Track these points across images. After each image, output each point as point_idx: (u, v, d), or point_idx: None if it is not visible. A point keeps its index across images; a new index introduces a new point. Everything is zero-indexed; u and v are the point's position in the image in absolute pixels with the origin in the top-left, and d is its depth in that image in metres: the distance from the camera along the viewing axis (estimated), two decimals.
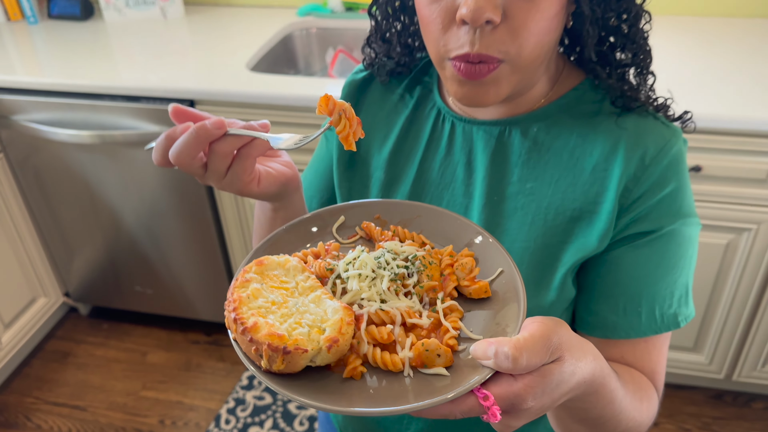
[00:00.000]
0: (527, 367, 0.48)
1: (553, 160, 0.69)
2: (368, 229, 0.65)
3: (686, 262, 0.70)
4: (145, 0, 2.23)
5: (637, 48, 0.68)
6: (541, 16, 0.60)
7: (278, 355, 0.48)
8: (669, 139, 0.68)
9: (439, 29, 0.62)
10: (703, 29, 1.89)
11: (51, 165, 2.00)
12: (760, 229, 1.60)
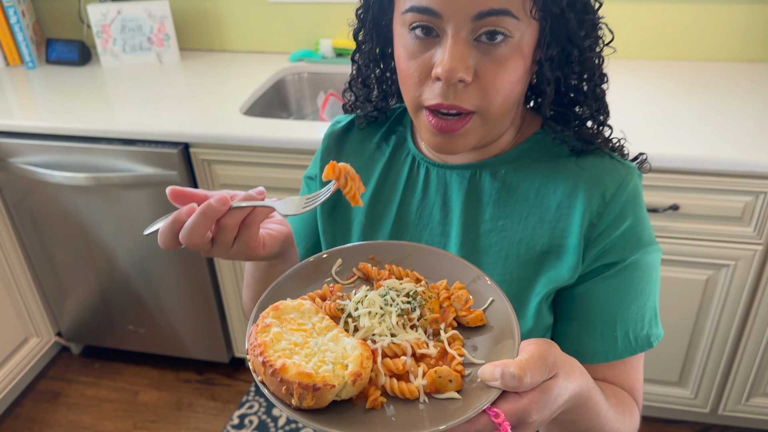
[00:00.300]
0: (530, 385, 0.54)
1: (521, 200, 0.76)
2: (365, 269, 0.70)
3: (651, 286, 0.76)
4: (141, 46, 2.30)
5: (596, 104, 0.75)
6: (509, 78, 0.67)
7: (308, 392, 0.52)
8: (625, 176, 0.74)
9: (416, 82, 0.68)
10: (680, 72, 1.98)
11: (46, 206, 2.04)
12: (737, 265, 1.65)
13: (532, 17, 0.66)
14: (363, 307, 0.62)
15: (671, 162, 1.54)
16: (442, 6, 0.64)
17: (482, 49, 0.65)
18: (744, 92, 1.83)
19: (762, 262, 1.64)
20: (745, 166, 1.50)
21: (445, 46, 0.65)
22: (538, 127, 0.79)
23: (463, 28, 0.64)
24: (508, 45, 0.65)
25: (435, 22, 0.65)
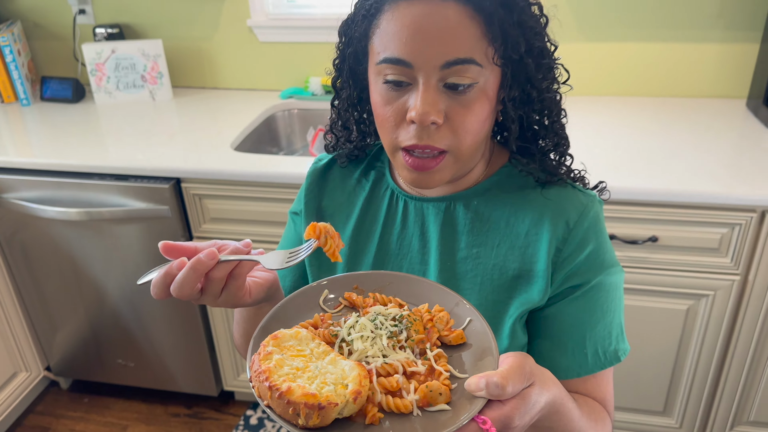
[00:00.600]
0: (512, 393, 0.59)
1: (493, 228, 0.82)
2: (351, 298, 0.75)
3: (616, 305, 0.82)
4: (134, 83, 2.35)
5: (557, 137, 0.82)
6: (476, 119, 0.73)
7: (314, 411, 0.56)
8: (587, 204, 0.81)
9: (392, 125, 0.75)
10: (657, 109, 2.05)
11: (38, 241, 2.06)
12: (716, 295, 1.69)
13: (495, 64, 0.72)
14: (355, 331, 0.67)
15: (649, 195, 1.59)
16: (412, 57, 0.70)
17: (451, 93, 0.72)
18: (717, 127, 1.89)
19: (740, 292, 1.69)
20: (720, 198, 1.56)
21: (418, 93, 0.71)
22: (505, 160, 0.86)
23: (432, 76, 0.71)
24: (474, 89, 0.72)
25: (407, 71, 0.71)
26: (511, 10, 0.71)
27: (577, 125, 1.97)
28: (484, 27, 0.70)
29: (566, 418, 0.69)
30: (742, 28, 2.00)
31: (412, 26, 0.70)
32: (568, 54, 2.16)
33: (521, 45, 0.72)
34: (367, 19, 0.76)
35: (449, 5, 0.69)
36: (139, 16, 2.40)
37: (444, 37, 0.69)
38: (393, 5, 0.72)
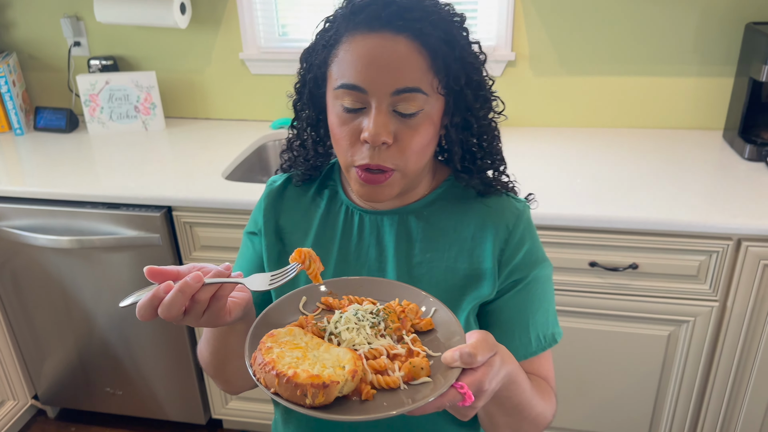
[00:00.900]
0: (482, 361, 0.67)
1: (443, 235, 0.91)
2: (327, 301, 0.82)
3: (549, 295, 0.94)
4: (128, 114, 2.40)
5: (493, 157, 0.93)
6: (421, 140, 0.83)
7: (320, 390, 0.64)
8: (522, 210, 0.93)
9: (347, 144, 0.83)
10: (636, 140, 2.11)
11: (29, 269, 2.07)
12: (696, 321, 1.73)
13: (439, 93, 0.82)
14: (341, 325, 0.75)
15: (629, 224, 1.63)
16: (366, 84, 0.79)
17: (400, 117, 0.81)
18: (695, 158, 1.96)
19: (719, 318, 1.73)
20: (698, 227, 1.61)
21: (371, 116, 0.80)
22: (447, 175, 0.96)
23: (383, 101, 0.79)
24: (420, 115, 0.81)
25: (361, 96, 0.80)
26: (453, 47, 0.80)
27: (560, 156, 2.03)
28: (429, 60, 0.79)
29: (520, 388, 0.78)
30: (717, 63, 2.07)
31: (367, 57, 0.79)
32: (550, 87, 2.25)
33: (461, 77, 0.82)
34: (326, 49, 0.84)
35: (400, 40, 0.78)
36: (133, 49, 2.46)
37: (395, 67, 0.78)
38: (350, 37, 0.81)
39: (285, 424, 1.03)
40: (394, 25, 0.78)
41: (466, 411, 0.71)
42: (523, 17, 2.12)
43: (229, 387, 0.98)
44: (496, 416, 0.83)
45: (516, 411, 0.81)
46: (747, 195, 1.71)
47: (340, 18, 0.84)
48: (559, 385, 1.91)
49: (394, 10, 0.78)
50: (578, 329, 1.81)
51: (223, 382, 0.97)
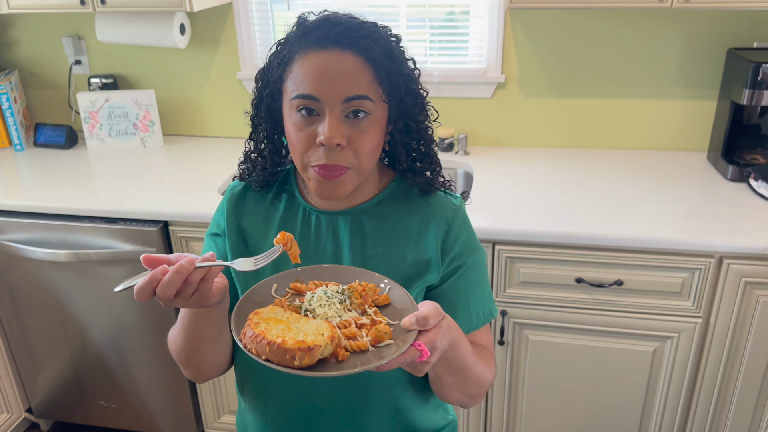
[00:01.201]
0: (434, 324, 0.79)
1: (392, 230, 1.02)
2: (296, 287, 0.92)
3: (485, 278, 1.07)
4: (126, 131, 2.45)
5: (430, 159, 1.05)
6: (370, 143, 0.93)
7: (306, 353, 0.75)
8: (459, 205, 1.05)
9: (304, 148, 0.92)
10: (623, 160, 2.17)
11: (26, 282, 2.10)
12: (681, 337, 1.77)
13: (383, 101, 0.93)
14: (315, 302, 0.86)
15: (614, 241, 1.68)
16: (320, 93, 0.89)
17: (351, 122, 0.91)
18: (679, 178, 2.01)
19: (703, 334, 1.77)
20: (680, 245, 1.65)
21: (325, 121, 0.90)
22: (392, 177, 1.07)
23: (336, 108, 0.89)
24: (369, 120, 0.92)
25: (316, 104, 0.90)
26: (393, 61, 0.93)
27: (548, 175, 2.09)
28: (374, 72, 0.91)
29: (463, 350, 0.91)
30: (701, 87, 2.14)
31: (319, 70, 0.89)
32: (539, 109, 2.31)
33: (402, 87, 0.94)
34: (281, 66, 0.94)
35: (347, 55, 0.89)
36: (133, 68, 2.51)
37: (344, 78, 0.89)
38: (303, 55, 0.91)
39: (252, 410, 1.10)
40: (342, 42, 0.90)
41: (421, 366, 0.81)
42: (512, 41, 2.19)
43: (199, 373, 1.04)
44: (445, 377, 0.95)
45: (461, 371, 0.94)
46: (729, 214, 1.76)
47: (292, 39, 0.94)
48: (547, 399, 1.94)
49: (341, 30, 0.90)
50: (565, 344, 1.85)
51: (193, 368, 1.03)
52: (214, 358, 1.00)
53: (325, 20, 0.92)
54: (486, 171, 2.13)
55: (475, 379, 0.98)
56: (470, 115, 2.32)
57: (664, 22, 2.09)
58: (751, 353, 1.76)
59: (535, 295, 1.80)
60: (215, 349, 1.00)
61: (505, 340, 1.88)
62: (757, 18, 2.03)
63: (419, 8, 2.26)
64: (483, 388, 1.01)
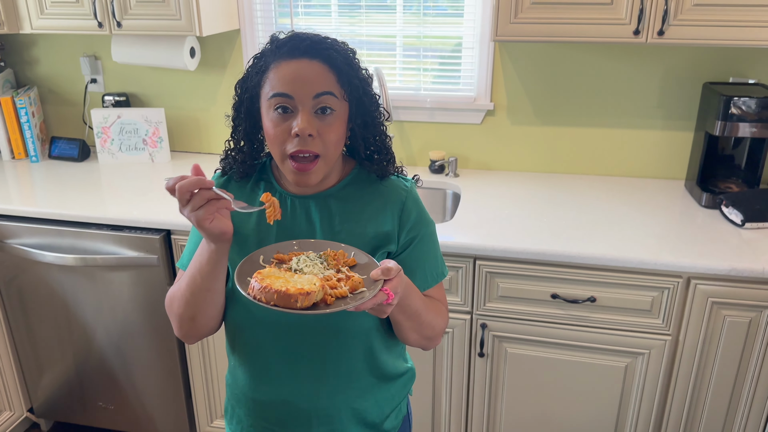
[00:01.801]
0: (395, 274, 0.99)
1: (355, 209, 1.20)
2: (278, 257, 1.09)
3: (436, 245, 1.26)
4: (136, 146, 2.58)
5: (385, 150, 1.23)
6: (336, 135, 1.11)
7: (305, 297, 0.95)
8: (410, 188, 1.24)
9: (281, 140, 1.09)
10: (603, 186, 2.28)
11: (35, 285, 2.22)
12: (651, 353, 1.86)
13: (344, 100, 1.12)
14: (302, 264, 1.05)
15: (587, 259, 1.78)
16: (294, 92, 1.07)
17: (320, 118, 1.09)
18: (655, 204, 2.12)
19: (672, 351, 1.85)
20: (648, 264, 1.75)
21: (298, 116, 1.08)
22: (352, 165, 1.25)
23: (307, 104, 1.08)
24: (333, 115, 1.10)
25: (290, 102, 1.07)
26: (352, 68, 1.12)
27: (531, 198, 2.20)
28: (336, 76, 1.10)
29: (416, 299, 1.12)
30: (679, 118, 2.26)
31: (292, 74, 1.08)
32: (525, 135, 2.43)
33: (359, 89, 1.13)
34: (259, 74, 1.12)
35: (315, 63, 1.09)
36: (145, 87, 2.67)
37: (313, 80, 1.08)
38: (277, 64, 1.09)
39: (243, 365, 1.25)
40: (310, 53, 1.09)
41: (386, 308, 1.00)
42: (501, 71, 2.32)
43: (193, 326, 1.17)
44: (403, 321, 1.15)
45: (415, 316, 1.14)
46: (699, 238, 1.86)
47: (267, 53, 1.13)
48: (526, 411, 2.03)
49: (308, 43, 1.10)
50: (542, 358, 1.94)
51: (188, 319, 1.16)
52: (210, 308, 1.15)
53: (295, 36, 1.11)
54: (473, 192, 2.25)
55: (428, 323, 1.18)
56: (460, 140, 2.45)
57: (644, 57, 2.21)
58: (719, 371, 1.84)
59: (513, 309, 1.90)
60: (213, 298, 1.14)
61: (485, 352, 1.97)
62: (733, 54, 2.15)
63: (414, 39, 2.41)
64: (436, 332, 1.22)
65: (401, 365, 1.32)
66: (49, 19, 2.29)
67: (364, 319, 1.17)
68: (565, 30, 1.91)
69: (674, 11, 1.83)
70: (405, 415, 1.37)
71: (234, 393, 1.30)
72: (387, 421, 1.30)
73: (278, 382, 1.22)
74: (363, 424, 1.26)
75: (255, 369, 1.23)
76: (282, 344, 1.19)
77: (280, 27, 2.50)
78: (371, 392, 1.25)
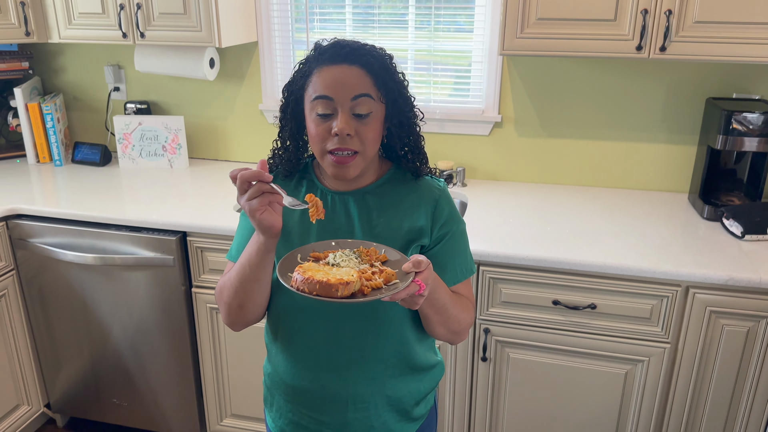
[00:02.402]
0: (425, 267, 1.06)
1: (392, 205, 1.28)
2: (314, 255, 1.16)
3: (466, 242, 1.34)
4: (156, 152, 2.68)
5: (420, 152, 1.31)
6: (373, 133, 1.20)
7: (345, 286, 1.02)
8: (443, 187, 1.32)
9: (322, 139, 1.19)
10: (608, 198, 2.33)
11: (55, 282, 2.31)
12: (650, 361, 1.89)
13: (381, 101, 1.20)
14: (339, 259, 1.12)
15: (588, 267, 1.83)
16: (333, 94, 1.17)
17: (357, 119, 1.18)
18: (658, 215, 2.16)
19: (672, 359, 1.89)
20: (647, 273, 1.79)
21: (338, 117, 1.17)
22: (389, 166, 1.33)
23: (346, 106, 1.17)
24: (370, 117, 1.19)
25: (330, 104, 1.17)
26: (388, 71, 1.21)
27: (537, 208, 2.26)
28: (373, 80, 1.19)
29: (443, 293, 1.19)
30: (683, 132, 2.30)
31: (333, 78, 1.17)
32: (532, 147, 2.49)
33: (395, 91, 1.22)
34: (303, 78, 1.22)
35: (354, 68, 1.18)
36: (166, 96, 2.77)
37: (352, 83, 1.17)
38: (320, 69, 1.19)
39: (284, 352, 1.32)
40: (349, 59, 1.18)
41: (418, 299, 1.07)
42: (509, 84, 2.39)
43: (240, 312, 1.24)
44: (431, 314, 1.21)
45: (443, 310, 1.21)
46: (698, 248, 1.91)
47: (311, 59, 1.23)
48: (527, 415, 2.07)
49: (348, 50, 1.19)
50: (543, 363, 1.98)
51: (237, 307, 1.23)
52: (257, 296, 1.22)
53: (337, 43, 1.21)
54: (479, 201, 2.31)
55: (454, 317, 1.25)
56: (469, 151, 2.52)
57: (648, 72, 2.27)
58: (718, 379, 1.87)
59: (515, 315, 1.95)
60: (260, 288, 1.21)
61: (487, 356, 2.02)
62: (736, 70, 2.20)
63: (425, 53, 2.48)
64: (462, 326, 1.28)
65: (432, 357, 1.39)
66: (76, 29, 2.40)
67: (398, 308, 1.25)
68: (570, 45, 1.97)
69: (676, 28, 1.89)
70: (432, 406, 1.44)
71: (273, 381, 1.37)
72: (416, 409, 1.37)
73: (317, 368, 1.29)
74: (395, 411, 1.33)
75: (296, 355, 1.30)
76: (322, 330, 1.26)
77: (297, 40, 2.59)
78: (404, 381, 1.32)
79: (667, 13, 1.87)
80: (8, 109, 2.82)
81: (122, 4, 2.30)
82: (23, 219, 2.27)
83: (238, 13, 2.40)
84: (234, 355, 2.27)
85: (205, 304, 2.21)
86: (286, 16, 2.57)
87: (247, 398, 2.33)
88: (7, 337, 2.34)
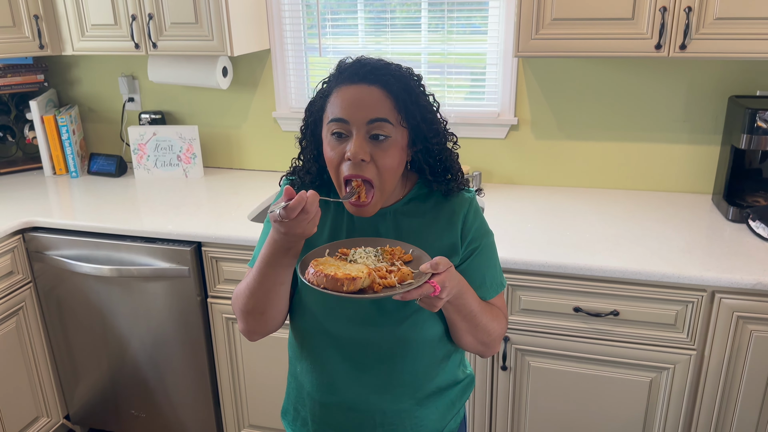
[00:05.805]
0: (443, 269, 1.03)
1: (423, 222, 1.24)
2: (342, 251, 1.15)
3: (496, 255, 1.29)
4: (170, 162, 2.68)
5: (452, 168, 1.25)
6: (391, 161, 1.13)
7: (351, 282, 1.01)
8: (471, 199, 1.26)
9: (337, 164, 1.13)
10: (630, 200, 2.28)
11: (72, 294, 2.31)
12: (676, 368, 1.84)
13: (402, 126, 1.13)
14: (356, 255, 1.11)
15: (609, 273, 1.78)
16: (349, 116, 1.11)
17: (374, 143, 1.11)
18: (682, 218, 2.10)
19: (698, 366, 1.83)
20: (671, 278, 1.74)
21: (352, 141, 1.11)
22: (415, 181, 1.27)
23: (361, 129, 1.10)
24: (389, 141, 1.12)
25: (345, 126, 1.11)
26: (410, 94, 1.14)
27: (555, 212, 2.22)
28: (393, 102, 1.12)
29: (471, 300, 1.15)
30: (705, 132, 2.25)
31: (349, 99, 1.11)
32: (549, 150, 2.45)
33: (417, 115, 1.15)
34: (322, 98, 1.18)
35: (373, 88, 1.11)
36: (180, 105, 2.77)
37: (369, 105, 1.10)
38: (339, 88, 1.14)
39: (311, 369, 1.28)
40: (369, 78, 1.12)
41: (435, 301, 1.04)
42: (525, 86, 2.35)
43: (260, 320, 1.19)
44: (458, 321, 1.18)
45: (470, 317, 1.17)
46: (724, 252, 1.85)
47: (332, 78, 1.18)
48: (549, 425, 2.02)
49: (368, 69, 1.13)
50: (565, 372, 1.93)
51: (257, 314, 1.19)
52: (278, 300, 1.17)
53: (357, 62, 1.15)
54: (497, 206, 2.27)
55: (483, 326, 1.20)
56: (485, 155, 2.48)
57: (668, 71, 2.22)
58: (747, 387, 1.81)
59: (535, 323, 1.91)
60: (283, 291, 1.16)
61: (507, 365, 1.98)
62: (759, 68, 2.14)
63: (438, 56, 2.45)
64: (492, 338, 1.23)
65: (462, 373, 1.35)
66: (89, 41, 2.40)
67: (431, 329, 1.21)
68: (587, 45, 1.93)
69: (696, 25, 1.84)
70: (462, 420, 1.40)
71: (300, 395, 1.33)
72: (447, 426, 1.33)
73: (343, 390, 1.25)
74: (425, 429, 1.29)
75: (321, 378, 1.27)
76: (347, 354, 1.22)
77: (309, 47, 2.58)
78: (433, 401, 1.28)
79: (686, 10, 1.82)
80: (24, 122, 2.83)
81: (134, 15, 2.30)
82: (40, 232, 2.27)
83: (250, 21, 2.39)
84: (251, 365, 2.25)
85: (221, 314, 2.19)
86: (298, 22, 2.55)
87: (264, 408, 2.31)
88: (25, 350, 2.35)
